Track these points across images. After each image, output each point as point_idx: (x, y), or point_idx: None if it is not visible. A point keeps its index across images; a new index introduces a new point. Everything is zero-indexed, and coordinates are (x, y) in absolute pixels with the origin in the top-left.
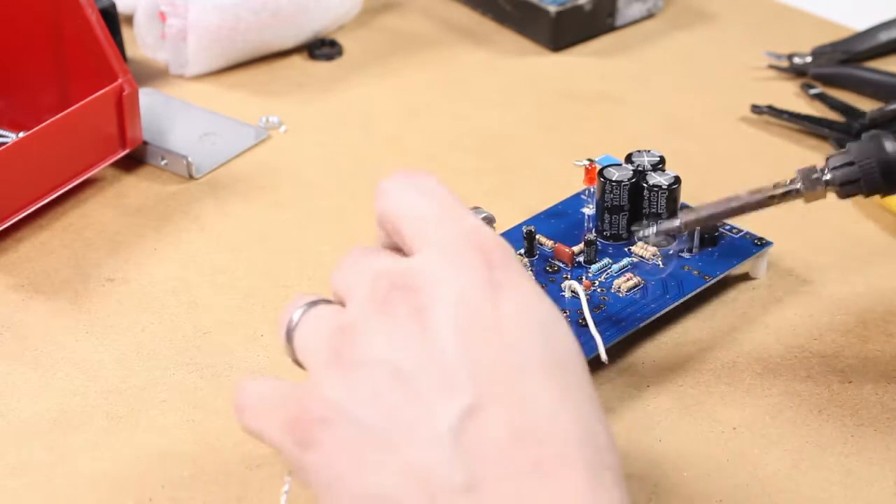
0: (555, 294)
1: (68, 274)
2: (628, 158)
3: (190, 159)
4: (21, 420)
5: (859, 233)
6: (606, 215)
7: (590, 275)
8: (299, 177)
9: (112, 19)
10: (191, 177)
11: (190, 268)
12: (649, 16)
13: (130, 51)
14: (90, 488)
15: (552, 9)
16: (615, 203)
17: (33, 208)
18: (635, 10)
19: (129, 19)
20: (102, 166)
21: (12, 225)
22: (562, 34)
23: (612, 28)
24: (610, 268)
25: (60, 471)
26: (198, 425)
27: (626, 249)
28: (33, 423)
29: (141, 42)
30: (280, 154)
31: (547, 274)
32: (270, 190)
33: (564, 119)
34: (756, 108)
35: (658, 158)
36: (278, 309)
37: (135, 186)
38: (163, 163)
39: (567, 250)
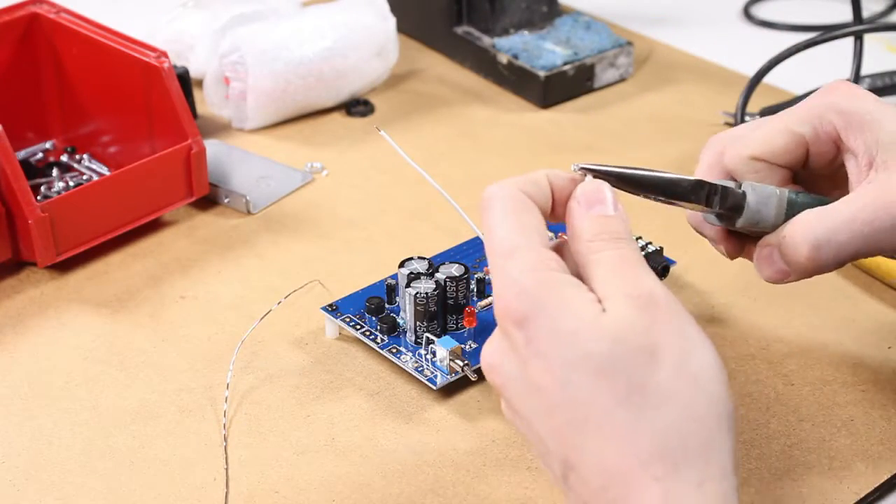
0: None
1: (148, 292)
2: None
3: (248, 198)
4: (109, 412)
5: None
6: None
7: None
8: (338, 212)
9: (186, 83)
10: (249, 212)
11: (248, 287)
12: (622, 80)
13: (201, 108)
14: (165, 469)
15: (542, 73)
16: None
17: (117, 234)
18: (610, 75)
19: (200, 83)
20: (173, 208)
21: (103, 250)
22: (550, 94)
23: (591, 89)
24: None
25: (141, 454)
26: (252, 417)
27: None
28: (119, 415)
29: (209, 101)
30: (322, 194)
31: None
32: (314, 223)
33: (555, 165)
34: None
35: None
36: (322, 321)
37: (203, 220)
38: (226, 200)
39: None
